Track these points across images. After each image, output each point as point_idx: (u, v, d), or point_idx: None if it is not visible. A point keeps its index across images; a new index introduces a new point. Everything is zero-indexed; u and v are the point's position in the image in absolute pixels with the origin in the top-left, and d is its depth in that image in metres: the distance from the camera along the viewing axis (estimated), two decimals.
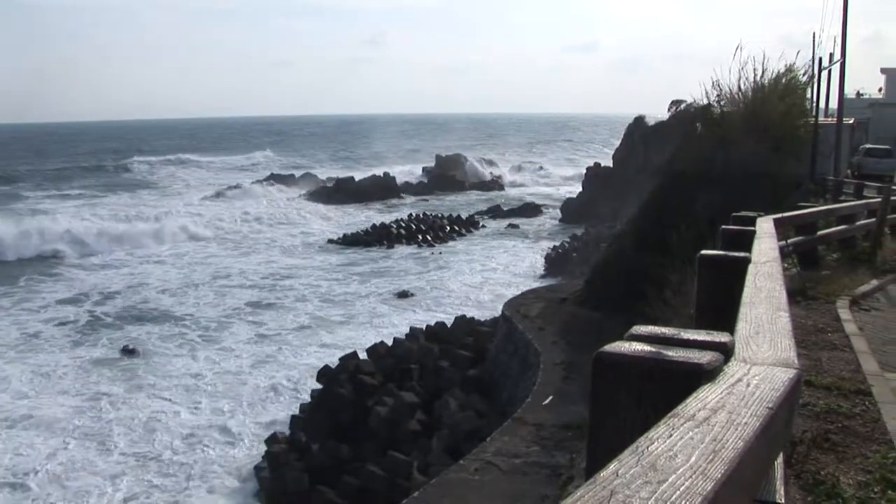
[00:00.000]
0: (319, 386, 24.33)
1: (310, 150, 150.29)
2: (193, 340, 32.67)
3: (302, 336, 33.17)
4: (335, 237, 59.22)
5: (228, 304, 39.02)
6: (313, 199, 78.59)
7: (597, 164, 74.17)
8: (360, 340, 30.40)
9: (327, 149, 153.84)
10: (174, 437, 22.94)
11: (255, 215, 68.99)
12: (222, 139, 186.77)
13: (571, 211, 67.13)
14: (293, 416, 23.34)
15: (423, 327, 29.10)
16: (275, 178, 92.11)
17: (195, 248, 55.53)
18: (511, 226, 65.49)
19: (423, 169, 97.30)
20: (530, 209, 73.35)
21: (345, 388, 23.22)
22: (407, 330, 29.45)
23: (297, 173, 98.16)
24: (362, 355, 25.90)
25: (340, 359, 25.68)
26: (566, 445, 14.88)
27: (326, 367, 25.31)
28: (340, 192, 79.71)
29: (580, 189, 72.41)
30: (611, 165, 68.54)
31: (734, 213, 8.62)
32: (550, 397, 17.55)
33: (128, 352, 30.89)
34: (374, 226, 60.98)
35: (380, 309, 38.24)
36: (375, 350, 26.30)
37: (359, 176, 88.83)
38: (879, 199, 18.19)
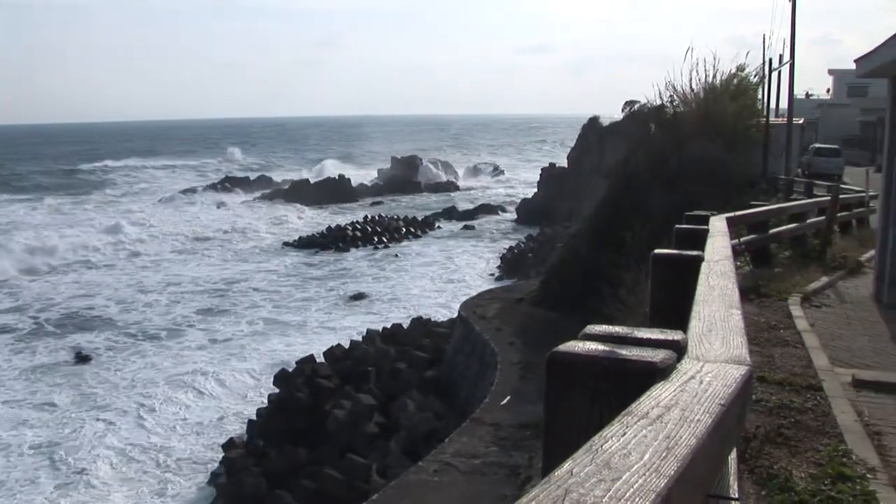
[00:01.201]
0: (276, 390, 24.17)
1: (264, 152, 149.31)
2: (143, 349, 32.18)
3: (256, 340, 32.91)
4: (290, 240, 58.91)
5: (179, 311, 38.39)
6: (268, 201, 78.09)
7: (552, 165, 74.46)
8: (317, 344, 30.25)
9: (282, 151, 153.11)
10: (125, 445, 22.62)
11: (208, 219, 68.19)
12: (173, 142, 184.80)
13: (527, 212, 67.39)
14: (250, 421, 23.16)
15: (380, 329, 29.05)
16: (229, 181, 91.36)
17: (146, 255, 54.50)
18: (467, 227, 65.59)
19: (379, 171, 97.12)
20: (486, 210, 73.51)
21: (302, 391, 23.11)
22: (363, 332, 29.37)
23: (252, 176, 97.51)
24: (319, 358, 25.77)
25: (297, 362, 25.55)
26: (524, 445, 14.93)
27: (283, 370, 25.17)
28: (296, 195, 79.27)
29: (535, 190, 72.69)
30: (566, 166, 68.85)
31: (687, 213, 8.69)
32: (508, 397, 17.60)
33: (81, 358, 30.50)
34: (329, 228, 60.74)
35: (336, 312, 38.13)
36: (332, 353, 26.21)
37: (314, 178, 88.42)
38: (829, 198, 18.47)
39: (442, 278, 45.89)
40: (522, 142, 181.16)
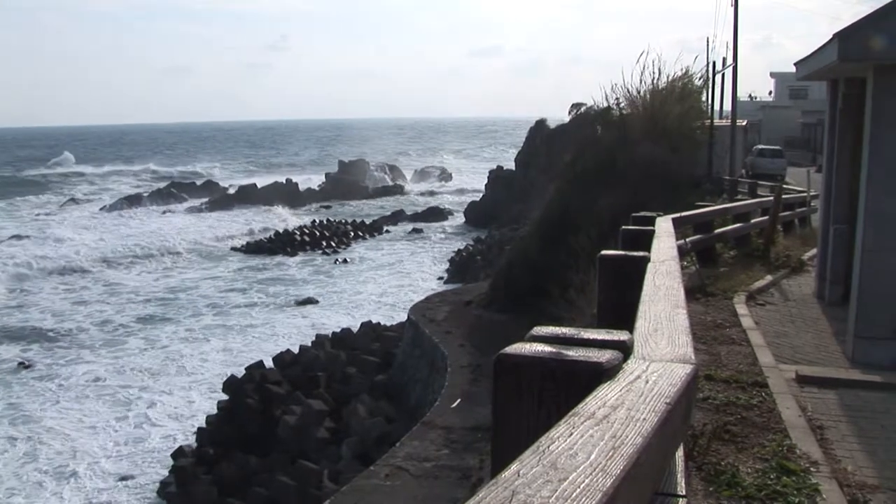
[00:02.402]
0: (226, 397, 23.95)
1: (211, 157, 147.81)
2: (80, 358, 31.49)
3: (201, 348, 32.52)
4: (237, 245, 58.40)
5: (119, 320, 37.53)
6: (214, 207, 77.36)
7: (499, 167, 74.68)
8: (266, 349, 30.04)
9: (228, 156, 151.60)
10: (66, 458, 22.22)
11: (153, 226, 67.08)
12: (118, 147, 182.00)
13: (475, 214, 67.51)
14: (199, 429, 22.92)
15: (329, 334, 28.94)
16: (174, 187, 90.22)
17: (88, 263, 53.09)
18: (415, 230, 65.57)
19: (327, 175, 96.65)
20: (434, 213, 73.51)
21: (252, 397, 22.91)
22: (313, 337, 29.22)
23: (198, 181, 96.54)
24: (268, 364, 25.59)
25: (246, 368, 25.32)
26: (476, 447, 14.95)
27: (232, 377, 24.92)
28: (243, 200, 78.65)
29: (483, 192, 72.86)
30: (513, 168, 69.12)
31: (634, 214, 8.77)
32: (459, 400, 17.61)
33: (25, 367, 30.01)
34: (277, 233, 60.37)
35: (284, 317, 37.88)
36: (282, 358, 26.04)
37: (261, 182, 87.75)
38: (772, 198, 18.76)
39: (391, 282, 45.82)
40: (471, 144, 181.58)
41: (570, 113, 42.86)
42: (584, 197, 25.60)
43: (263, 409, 22.35)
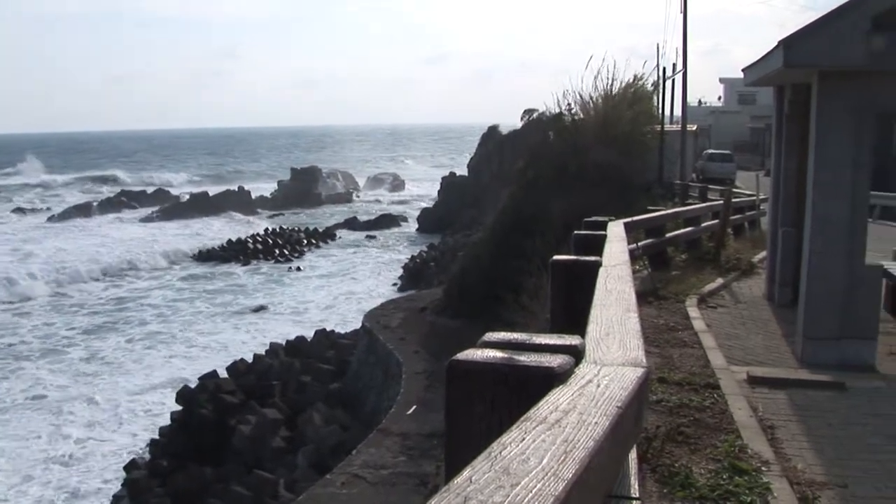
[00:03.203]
0: (179, 407, 23.68)
1: (162, 165, 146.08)
2: (26, 370, 30.77)
3: (155, 358, 32.11)
4: (189, 254, 57.78)
5: (64, 333, 36.56)
6: (166, 215, 76.51)
7: (452, 174, 74.74)
8: (219, 359, 29.75)
9: (181, 163, 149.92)
10: (9, 475, 21.72)
11: (103, 235, 66.09)
12: (68, 155, 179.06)
13: (428, 221, 67.52)
14: (152, 440, 22.63)
15: (284, 342, 28.76)
16: (125, 195, 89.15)
17: (34, 273, 51.76)
18: (369, 237, 65.46)
19: (279, 183, 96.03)
20: (387, 220, 73.39)
21: (205, 408, 22.69)
22: (267, 346, 29.02)
23: (149, 189, 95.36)
24: (222, 374, 25.36)
25: (200, 378, 25.09)
26: (432, 454, 14.95)
27: (185, 387, 24.67)
28: (195, 208, 77.89)
29: (436, 199, 72.89)
30: (466, 174, 69.24)
31: (586, 219, 8.83)
32: (414, 407, 17.60)
33: None
34: (230, 241, 59.81)
35: (238, 325, 37.56)
36: (235, 368, 25.83)
37: (213, 190, 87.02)
38: (722, 202, 18.98)
39: (344, 289, 45.65)
40: (424, 151, 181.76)
41: (522, 119, 43.09)
42: (537, 202, 25.74)
43: (218, 419, 22.15)
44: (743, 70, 13.20)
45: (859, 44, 9.16)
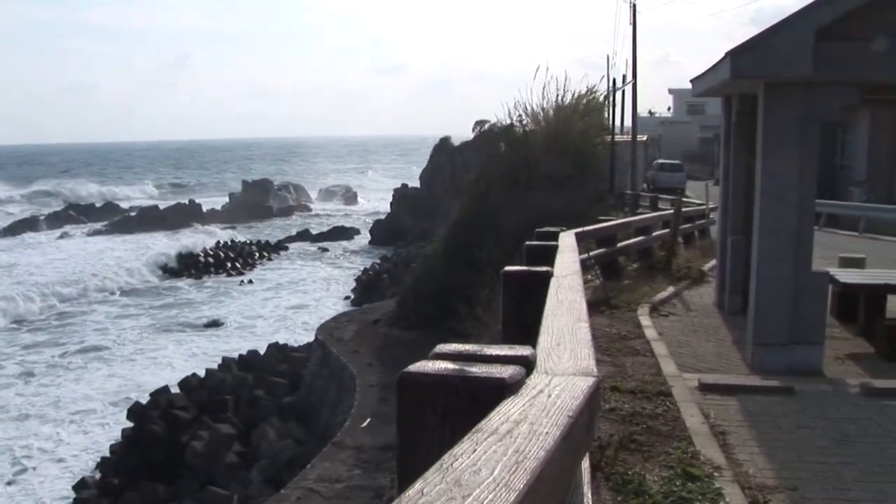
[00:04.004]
0: (130, 424, 23.35)
1: (112, 178, 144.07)
2: None
3: (104, 374, 31.57)
4: (138, 268, 56.96)
5: (5, 350, 35.38)
6: (115, 229, 75.49)
7: (404, 185, 74.73)
8: (171, 374, 29.39)
9: (130, 176, 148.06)
10: None
11: (48, 250, 64.72)
12: (14, 168, 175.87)
13: (381, 233, 67.41)
14: (103, 458, 22.30)
15: (236, 356, 28.53)
16: (73, 209, 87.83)
17: None
18: (321, 249, 65.22)
19: (230, 195, 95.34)
20: (339, 233, 73.19)
21: (157, 424, 22.42)
22: (219, 360, 28.75)
23: (97, 203, 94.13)
24: (174, 389, 25.08)
25: (151, 394, 24.79)
26: (387, 466, 14.89)
27: (137, 403, 24.34)
28: (144, 222, 76.97)
29: (389, 210, 72.82)
30: (418, 186, 69.28)
31: (538, 229, 8.88)
32: (368, 419, 17.54)
33: None
34: (180, 255, 59.18)
35: (189, 340, 37.14)
36: (188, 383, 25.58)
37: (163, 204, 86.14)
38: (672, 211, 19.18)
39: (297, 302, 45.41)
40: (376, 163, 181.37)
41: (473, 130, 43.25)
42: (489, 214, 25.82)
43: (170, 435, 21.91)
44: (691, 81, 13.37)
45: (804, 55, 9.33)
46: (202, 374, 26.52)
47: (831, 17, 9.42)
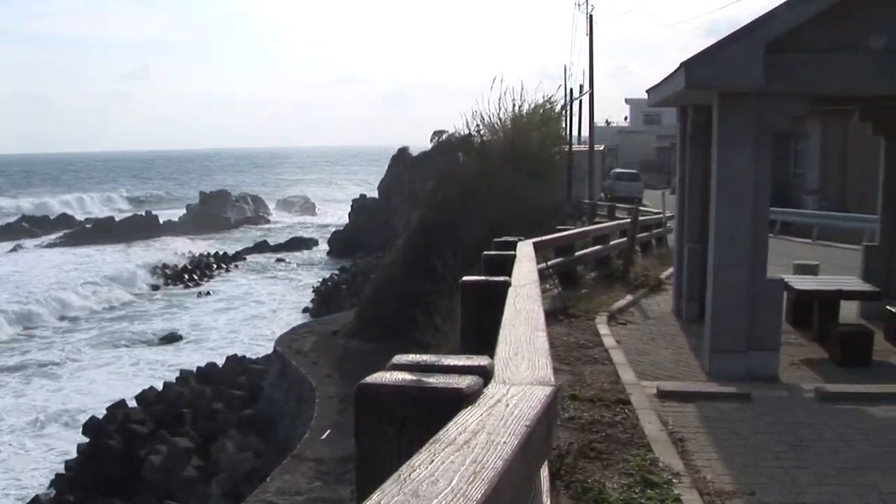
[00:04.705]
0: (86, 439, 23.02)
1: (67, 189, 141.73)
2: None
3: (60, 389, 31.12)
4: (94, 281, 56.16)
5: None
6: (70, 242, 74.50)
7: (363, 196, 74.58)
8: (128, 387, 29.00)
9: (86, 188, 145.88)
10: None
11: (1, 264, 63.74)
12: None
13: (339, 243, 67.10)
14: (58, 475, 21.94)
15: (194, 369, 28.26)
16: (26, 221, 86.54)
17: None
18: (279, 260, 64.85)
19: (188, 207, 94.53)
20: (298, 243, 72.85)
21: (114, 439, 22.12)
22: (177, 373, 28.46)
23: (52, 215, 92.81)
24: (131, 403, 24.78)
25: (108, 408, 24.45)
26: (347, 478, 14.81)
27: (93, 418, 23.99)
28: (100, 234, 76.02)
29: (347, 221, 72.59)
30: (377, 196, 69.17)
31: (496, 239, 8.91)
32: (328, 431, 17.45)
33: None
34: (137, 267, 58.51)
35: (147, 353, 36.72)
36: (145, 397, 25.29)
37: (119, 216, 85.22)
38: (629, 220, 19.33)
39: (256, 314, 45.09)
40: (335, 173, 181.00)
41: (431, 140, 43.30)
42: (448, 223, 25.84)
43: (127, 449, 21.62)
44: (648, 91, 13.51)
45: (755, 66, 9.47)
46: (159, 387, 26.22)
47: (782, 30, 9.59)
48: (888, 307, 12.18)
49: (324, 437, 17.23)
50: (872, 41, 9.45)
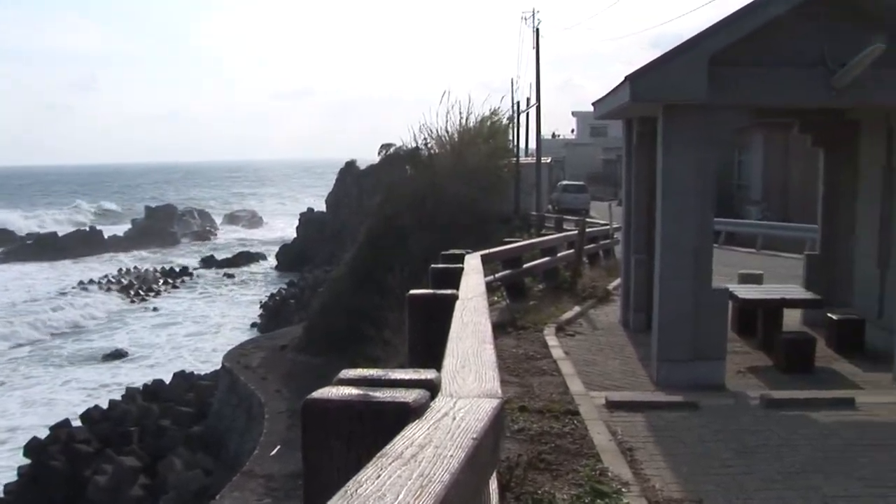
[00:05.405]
0: (27, 461, 22.54)
1: (6, 204, 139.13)
2: None
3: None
4: (35, 297, 55.16)
5: None
6: (10, 258, 73.18)
7: (310, 210, 74.25)
8: (72, 407, 28.51)
9: (27, 202, 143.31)
10: None
11: None
12: None
13: (287, 257, 66.72)
14: None
15: (141, 386, 27.90)
16: None
17: None
18: (227, 275, 64.34)
19: (133, 221, 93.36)
20: (245, 258, 72.37)
21: (58, 459, 21.72)
22: (123, 391, 28.06)
23: None
24: (76, 423, 24.36)
25: (51, 428, 24.01)
26: (297, 494, 14.70)
27: (35, 439, 23.50)
28: (42, 250, 74.74)
29: (295, 235, 72.22)
30: (324, 210, 68.91)
31: (443, 252, 8.92)
32: (278, 447, 17.33)
33: None
34: (80, 283, 57.66)
35: (92, 371, 36.16)
36: (90, 415, 24.89)
37: (63, 231, 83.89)
38: (576, 232, 19.45)
39: (203, 329, 44.66)
40: (282, 187, 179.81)
41: (379, 153, 43.30)
42: (396, 236, 25.86)
43: (71, 470, 21.26)
44: (593, 104, 13.64)
45: (698, 79, 9.62)
46: (105, 405, 25.83)
47: (725, 44, 9.74)
48: (829, 314, 12.41)
49: (273, 453, 17.10)
50: (873, 42, 9.56)
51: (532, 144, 44.49)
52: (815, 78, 9.92)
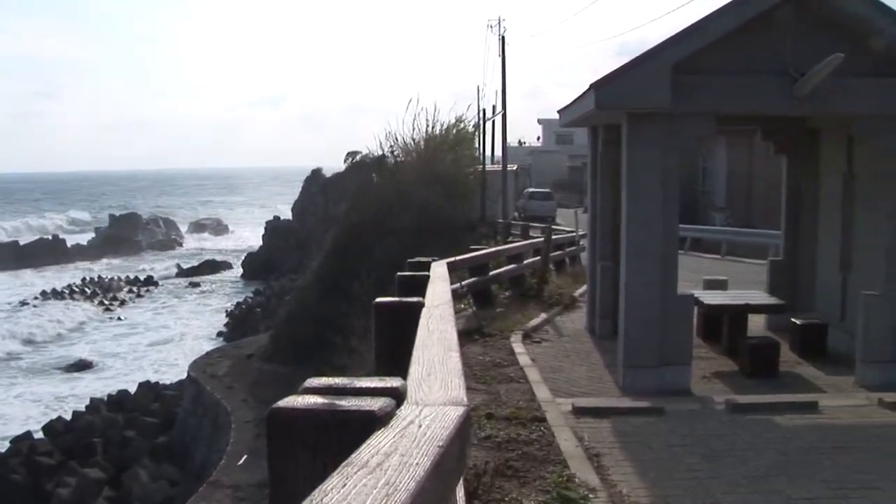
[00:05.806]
0: None
1: None
2: None
3: None
4: None
5: None
6: None
7: (276, 218, 73.95)
8: (34, 419, 28.15)
9: None
10: None
11: None
12: None
13: (253, 266, 66.34)
14: None
15: (105, 397, 27.63)
16: None
17: None
18: (192, 284, 63.89)
19: (97, 230, 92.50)
20: (211, 266, 71.86)
21: (18, 472, 21.41)
22: (87, 402, 27.76)
23: None
24: (38, 435, 24.06)
25: (11, 441, 23.69)
26: None
27: None
28: (3, 259, 73.75)
29: (261, 243, 71.86)
30: (290, 218, 68.64)
31: (410, 259, 8.92)
32: (245, 457, 17.22)
33: None
34: (43, 292, 57.01)
35: (55, 381, 35.71)
36: (52, 427, 24.61)
37: (24, 239, 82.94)
38: (543, 239, 19.51)
39: (168, 338, 44.29)
40: (249, 195, 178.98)
41: (345, 161, 43.21)
42: (362, 244, 25.83)
43: (33, 483, 20.98)
44: (559, 112, 13.71)
45: (662, 87, 9.70)
46: (68, 416, 25.54)
47: (689, 52, 9.84)
48: (793, 319, 12.55)
49: (240, 462, 17.00)
50: (874, 43, 9.70)
51: (498, 152, 44.61)
52: (777, 87, 10.04)
